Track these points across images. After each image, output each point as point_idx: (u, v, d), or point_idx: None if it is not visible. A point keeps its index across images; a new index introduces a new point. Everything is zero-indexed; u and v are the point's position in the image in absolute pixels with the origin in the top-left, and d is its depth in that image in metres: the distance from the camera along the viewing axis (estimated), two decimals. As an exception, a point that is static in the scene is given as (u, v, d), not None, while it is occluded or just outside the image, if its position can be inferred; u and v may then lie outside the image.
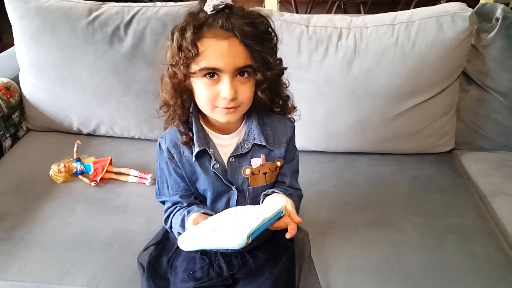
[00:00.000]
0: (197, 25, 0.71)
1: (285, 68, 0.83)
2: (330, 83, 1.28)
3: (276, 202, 0.76)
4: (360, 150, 1.39)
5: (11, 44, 1.45)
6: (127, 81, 1.35)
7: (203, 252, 0.96)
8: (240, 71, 0.74)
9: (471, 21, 1.21)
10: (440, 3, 3.58)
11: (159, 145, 0.88)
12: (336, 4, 3.22)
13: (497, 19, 1.27)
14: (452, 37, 1.21)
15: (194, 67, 0.73)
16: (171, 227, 0.91)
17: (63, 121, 1.45)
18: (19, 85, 1.46)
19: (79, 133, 1.48)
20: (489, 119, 1.36)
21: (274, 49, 0.80)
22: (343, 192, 1.24)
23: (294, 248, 1.00)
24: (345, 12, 3.71)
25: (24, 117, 1.50)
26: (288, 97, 0.87)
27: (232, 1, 0.74)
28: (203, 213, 0.81)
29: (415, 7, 3.02)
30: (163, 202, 0.93)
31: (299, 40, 1.27)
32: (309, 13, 3.61)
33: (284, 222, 0.72)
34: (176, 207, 0.89)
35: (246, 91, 0.77)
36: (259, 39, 0.74)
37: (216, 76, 0.74)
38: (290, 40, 1.26)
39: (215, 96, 0.75)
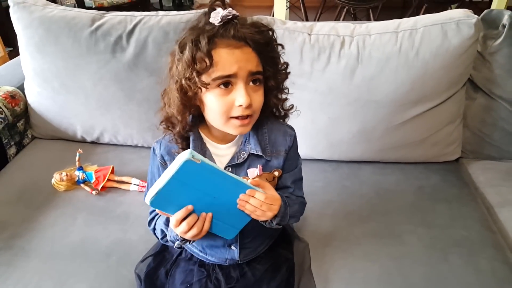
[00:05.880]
0: (210, 36, 0.71)
1: (289, 73, 0.83)
2: (333, 92, 1.27)
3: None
4: (365, 159, 1.37)
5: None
6: (129, 90, 1.35)
7: (201, 265, 0.95)
8: (252, 79, 0.75)
9: (476, 28, 1.18)
10: (450, 7, 3.55)
11: (153, 149, 0.87)
12: (345, 9, 3.20)
13: (503, 26, 1.24)
14: (457, 44, 1.19)
15: (206, 79, 0.73)
16: (154, 229, 0.91)
17: (67, 129, 1.46)
18: (24, 93, 1.48)
19: (83, 141, 1.48)
20: (497, 127, 1.33)
21: (279, 54, 0.81)
22: (347, 202, 1.22)
23: (293, 260, 0.99)
24: (355, 17, 3.69)
25: (29, 125, 1.51)
26: (286, 99, 0.87)
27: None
28: None
29: (425, 11, 3.00)
30: None
31: (301, 48, 1.26)
32: (318, 18, 3.59)
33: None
34: None
35: (258, 99, 0.77)
36: (268, 46, 0.76)
37: (230, 86, 0.73)
38: (293, 49, 1.25)
39: (230, 106, 0.74)
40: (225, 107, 0.74)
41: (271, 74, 0.77)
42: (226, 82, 0.73)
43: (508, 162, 1.34)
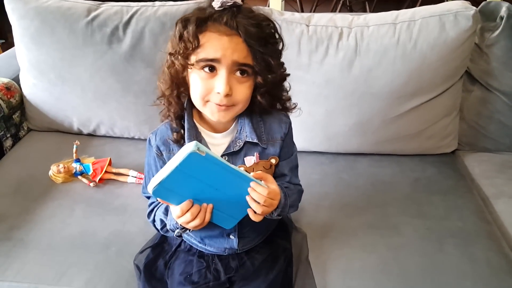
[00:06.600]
0: (201, 18, 0.72)
1: (288, 74, 0.82)
2: (331, 84, 1.27)
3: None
4: (361, 151, 1.37)
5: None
6: (126, 82, 1.35)
7: (201, 255, 0.95)
8: (239, 69, 0.74)
9: (474, 20, 1.19)
10: (445, 0, 3.55)
11: (149, 140, 0.87)
12: (341, 2, 3.19)
13: (501, 18, 1.25)
14: (454, 36, 1.19)
15: (193, 59, 0.74)
16: (154, 220, 0.91)
17: (64, 121, 1.45)
18: (19, 85, 1.46)
19: (79, 133, 1.48)
20: (493, 119, 1.33)
21: (278, 53, 0.79)
22: (343, 194, 1.22)
23: (292, 250, 1.00)
24: (351, 10, 3.67)
25: (25, 117, 1.50)
26: (289, 99, 0.86)
27: (241, 1, 0.74)
28: None
29: (421, 4, 2.99)
30: (148, 197, 0.94)
31: (299, 40, 1.26)
32: (314, 10, 3.58)
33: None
34: None
35: (242, 91, 0.76)
36: (263, 41, 0.74)
37: (214, 71, 0.73)
38: (290, 40, 1.25)
39: (209, 91, 0.75)
40: (205, 91, 0.75)
41: (258, 71, 0.75)
42: (211, 67, 0.73)
43: (503, 154, 1.35)
